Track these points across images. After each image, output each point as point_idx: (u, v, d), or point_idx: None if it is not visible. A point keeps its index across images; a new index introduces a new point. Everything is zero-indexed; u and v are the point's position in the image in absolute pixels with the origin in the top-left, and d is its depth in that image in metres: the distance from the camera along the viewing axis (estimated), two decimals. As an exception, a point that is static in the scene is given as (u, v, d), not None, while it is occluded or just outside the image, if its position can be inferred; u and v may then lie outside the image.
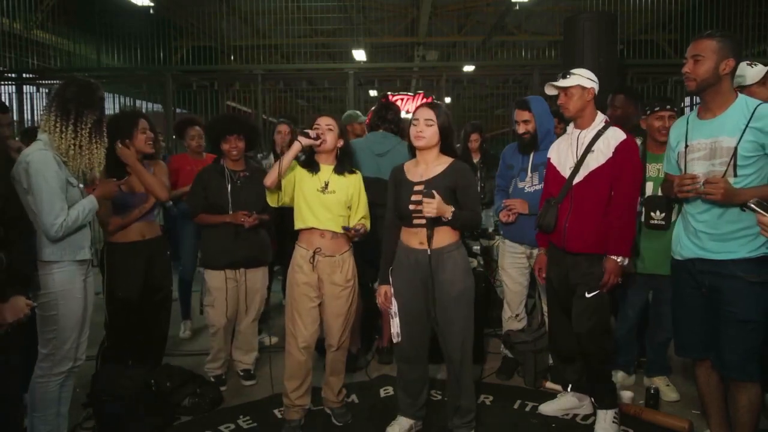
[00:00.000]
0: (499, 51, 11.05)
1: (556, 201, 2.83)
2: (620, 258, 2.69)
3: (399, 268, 2.70)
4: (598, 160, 2.72)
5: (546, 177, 3.01)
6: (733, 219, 2.28)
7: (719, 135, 2.29)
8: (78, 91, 2.44)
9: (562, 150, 2.90)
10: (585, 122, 2.81)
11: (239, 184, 3.36)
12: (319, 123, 2.80)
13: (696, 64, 2.30)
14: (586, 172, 2.75)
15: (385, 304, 2.75)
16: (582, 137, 2.80)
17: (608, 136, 2.73)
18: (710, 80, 2.28)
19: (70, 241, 2.43)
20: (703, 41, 2.30)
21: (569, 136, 2.89)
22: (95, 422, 2.88)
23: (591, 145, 2.75)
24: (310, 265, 2.77)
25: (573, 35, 4.28)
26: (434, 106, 2.65)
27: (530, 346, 3.44)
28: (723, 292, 2.31)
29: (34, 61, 7.65)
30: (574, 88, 2.75)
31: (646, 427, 2.93)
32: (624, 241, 2.70)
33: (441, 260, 2.59)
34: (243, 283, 3.38)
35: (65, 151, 2.41)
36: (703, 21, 7.00)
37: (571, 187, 2.79)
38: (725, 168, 2.26)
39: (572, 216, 2.77)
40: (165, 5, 8.41)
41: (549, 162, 2.97)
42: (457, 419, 2.73)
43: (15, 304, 2.14)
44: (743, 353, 2.30)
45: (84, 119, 2.43)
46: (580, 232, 2.75)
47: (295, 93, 8.47)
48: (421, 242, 2.61)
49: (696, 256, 2.38)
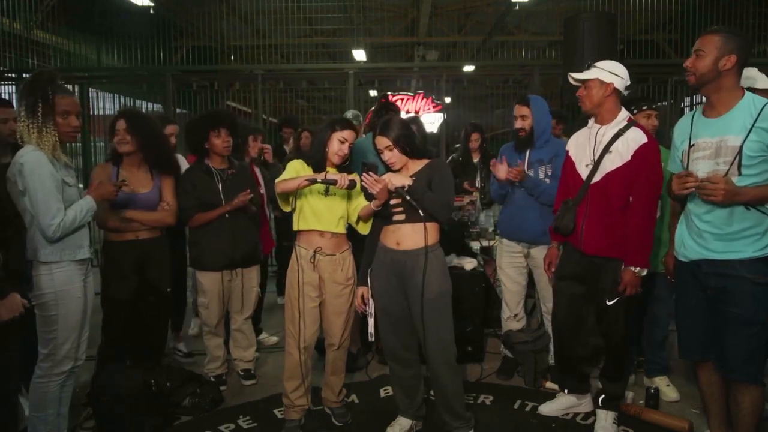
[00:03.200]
0: (499, 51, 11.05)
1: (573, 202, 2.78)
2: (638, 269, 2.62)
3: (378, 268, 2.70)
4: (615, 162, 2.66)
5: (563, 169, 2.96)
6: (738, 218, 2.25)
7: (725, 134, 2.25)
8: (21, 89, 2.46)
9: (580, 144, 2.84)
10: (605, 118, 2.73)
11: (229, 183, 3.35)
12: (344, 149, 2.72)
13: (697, 59, 2.28)
14: (602, 174, 2.69)
15: (360, 306, 2.76)
16: (601, 134, 2.73)
17: (628, 137, 2.65)
18: (709, 75, 2.26)
19: (68, 241, 2.44)
20: (706, 36, 2.28)
21: (589, 130, 2.82)
22: (95, 422, 2.88)
23: (610, 144, 2.67)
24: (311, 265, 2.77)
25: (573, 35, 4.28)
26: (384, 129, 2.59)
27: (530, 346, 3.44)
28: (729, 293, 2.29)
29: (34, 61, 7.64)
30: (593, 81, 2.69)
31: (646, 427, 2.93)
32: (642, 252, 2.63)
33: (417, 261, 2.58)
34: (239, 283, 3.39)
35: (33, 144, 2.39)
36: (703, 21, 6.99)
37: (588, 188, 2.74)
38: (728, 167, 2.23)
39: (589, 218, 2.73)
40: (165, 5, 8.40)
41: (567, 154, 2.92)
42: (454, 421, 2.72)
43: (11, 302, 2.16)
44: (747, 355, 2.29)
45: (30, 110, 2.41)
46: (597, 235, 2.71)
47: (295, 93, 8.46)
48: (398, 242, 2.62)
49: (701, 257, 2.35)
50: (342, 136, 2.72)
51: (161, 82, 6.87)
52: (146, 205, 3.06)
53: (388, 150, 2.61)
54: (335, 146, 2.72)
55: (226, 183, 3.35)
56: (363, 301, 2.75)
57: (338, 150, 2.72)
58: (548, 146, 3.31)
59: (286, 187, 2.64)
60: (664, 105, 7.14)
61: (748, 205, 2.23)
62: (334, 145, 2.72)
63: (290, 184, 2.62)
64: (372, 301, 2.74)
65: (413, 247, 2.60)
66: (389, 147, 2.60)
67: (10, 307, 2.17)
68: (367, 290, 2.75)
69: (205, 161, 3.38)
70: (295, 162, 2.82)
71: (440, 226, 2.68)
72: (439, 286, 2.58)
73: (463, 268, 3.86)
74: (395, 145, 2.59)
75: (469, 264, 3.90)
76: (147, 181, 3.09)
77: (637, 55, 7.34)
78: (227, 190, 3.32)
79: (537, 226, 3.27)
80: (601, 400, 2.87)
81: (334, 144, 2.72)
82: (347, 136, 2.73)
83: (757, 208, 2.24)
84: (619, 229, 2.66)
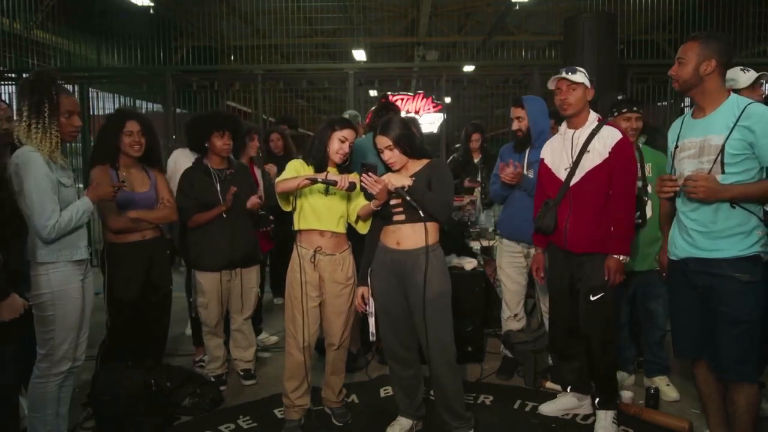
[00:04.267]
0: (499, 51, 11.04)
1: (554, 203, 2.83)
2: (622, 256, 2.71)
3: (378, 268, 2.71)
4: (594, 160, 2.74)
5: (540, 177, 3.01)
6: (723, 216, 2.28)
7: (708, 133, 2.30)
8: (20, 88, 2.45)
9: (556, 150, 2.91)
10: (580, 122, 2.82)
11: (227, 183, 3.35)
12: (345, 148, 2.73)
13: (679, 67, 2.36)
14: (582, 173, 2.76)
15: (360, 305, 2.76)
16: (576, 137, 2.81)
17: (604, 135, 2.74)
18: (691, 81, 2.33)
19: (65, 241, 2.43)
20: (687, 44, 2.35)
21: (562, 136, 2.89)
22: (95, 422, 2.88)
23: (586, 144, 2.76)
24: (311, 265, 2.77)
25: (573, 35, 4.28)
26: (385, 129, 2.59)
27: (530, 346, 3.44)
28: (716, 291, 2.31)
29: (34, 61, 7.64)
30: (579, 85, 2.76)
31: (646, 427, 2.93)
32: (625, 240, 2.72)
33: (417, 261, 2.59)
34: (239, 282, 3.40)
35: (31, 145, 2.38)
36: (703, 21, 6.98)
37: (569, 188, 2.79)
38: (711, 165, 2.27)
39: (572, 217, 2.78)
40: (165, 5, 8.40)
41: (542, 162, 2.97)
42: (454, 421, 2.72)
43: (12, 303, 2.17)
44: (738, 354, 2.29)
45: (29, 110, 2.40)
46: (581, 233, 2.76)
47: (295, 93, 8.46)
48: (398, 242, 2.63)
49: (689, 255, 2.38)
50: (342, 135, 2.72)
51: (161, 82, 6.88)
52: (147, 204, 3.06)
53: (389, 150, 2.61)
54: (336, 145, 2.72)
55: (225, 183, 3.35)
56: (363, 301, 2.76)
57: (339, 149, 2.72)
58: None
59: (287, 186, 2.64)
60: (665, 105, 7.15)
61: (733, 203, 2.26)
62: (335, 145, 2.72)
63: (290, 184, 2.62)
64: (372, 301, 2.74)
65: (414, 246, 2.60)
66: (389, 147, 2.60)
67: (11, 307, 2.18)
68: (367, 290, 2.75)
69: (204, 161, 3.38)
70: (295, 162, 2.82)
71: (440, 225, 2.68)
72: (439, 285, 2.59)
73: (463, 268, 3.86)
74: (396, 145, 2.59)
75: (469, 264, 3.90)
76: (144, 180, 3.10)
77: (637, 55, 7.34)
78: (225, 190, 3.32)
79: (536, 226, 3.28)
80: (597, 401, 2.88)
81: (335, 143, 2.72)
82: (347, 135, 2.73)
83: (743, 206, 2.26)
84: (603, 224, 2.73)
